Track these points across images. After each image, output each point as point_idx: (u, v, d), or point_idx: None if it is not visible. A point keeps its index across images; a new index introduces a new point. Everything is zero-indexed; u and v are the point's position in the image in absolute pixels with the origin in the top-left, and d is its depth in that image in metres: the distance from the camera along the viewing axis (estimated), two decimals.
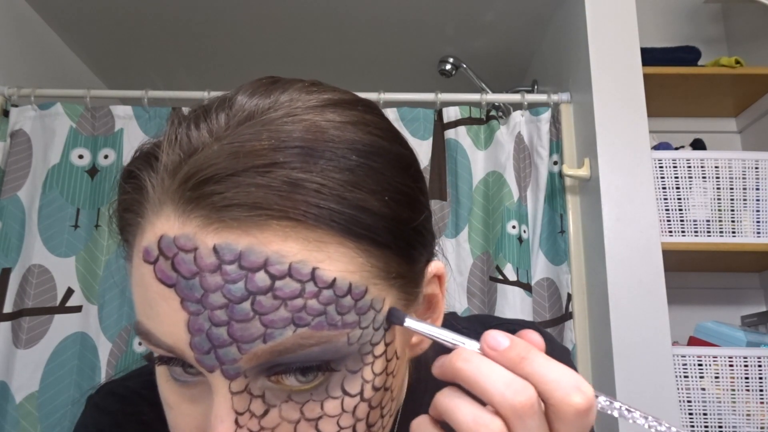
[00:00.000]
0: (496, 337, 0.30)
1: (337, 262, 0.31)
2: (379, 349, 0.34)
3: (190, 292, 0.30)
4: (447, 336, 0.33)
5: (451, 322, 0.52)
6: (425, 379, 0.47)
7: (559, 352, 0.53)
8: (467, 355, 0.30)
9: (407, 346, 0.39)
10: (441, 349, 0.48)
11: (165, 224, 0.31)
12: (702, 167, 1.34)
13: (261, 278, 0.29)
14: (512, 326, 0.54)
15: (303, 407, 0.32)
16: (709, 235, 1.32)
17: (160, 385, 0.36)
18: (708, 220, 1.32)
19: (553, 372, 0.29)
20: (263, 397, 0.32)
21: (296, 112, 0.33)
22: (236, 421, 0.31)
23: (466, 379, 0.29)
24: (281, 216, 0.30)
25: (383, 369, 0.34)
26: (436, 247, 0.41)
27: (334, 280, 0.31)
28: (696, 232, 1.33)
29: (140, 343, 1.31)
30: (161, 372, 0.35)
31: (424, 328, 0.33)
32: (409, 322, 0.34)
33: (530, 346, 0.30)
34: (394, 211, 0.34)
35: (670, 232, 1.33)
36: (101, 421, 0.48)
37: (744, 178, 1.34)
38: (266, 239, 0.30)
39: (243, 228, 0.30)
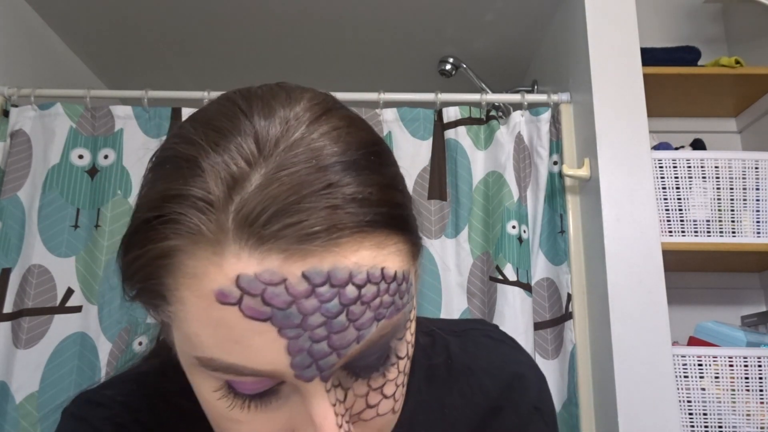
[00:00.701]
0: None
1: (395, 256, 0.35)
2: (413, 314, 0.39)
3: (288, 320, 0.31)
4: None
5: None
6: None
7: (534, 383, 0.53)
8: None
9: None
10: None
11: (236, 264, 0.31)
12: (702, 167, 1.34)
13: (350, 290, 0.32)
14: (464, 325, 0.57)
15: (369, 381, 0.36)
16: (709, 235, 1.32)
17: (216, 405, 0.36)
18: (708, 220, 1.32)
19: None
20: (341, 384, 0.35)
21: (308, 130, 0.34)
22: (334, 412, 0.34)
23: None
24: (353, 231, 0.32)
25: (414, 328, 0.40)
26: None
27: (395, 273, 0.34)
28: (696, 232, 1.33)
29: (140, 343, 1.31)
30: (219, 393, 0.35)
31: None
32: None
33: None
34: (406, 198, 0.38)
35: (670, 232, 1.33)
36: (79, 428, 0.48)
37: (744, 178, 1.34)
38: (344, 255, 0.32)
39: (323, 250, 0.31)
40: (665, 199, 1.34)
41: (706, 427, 1.21)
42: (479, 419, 0.51)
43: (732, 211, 1.33)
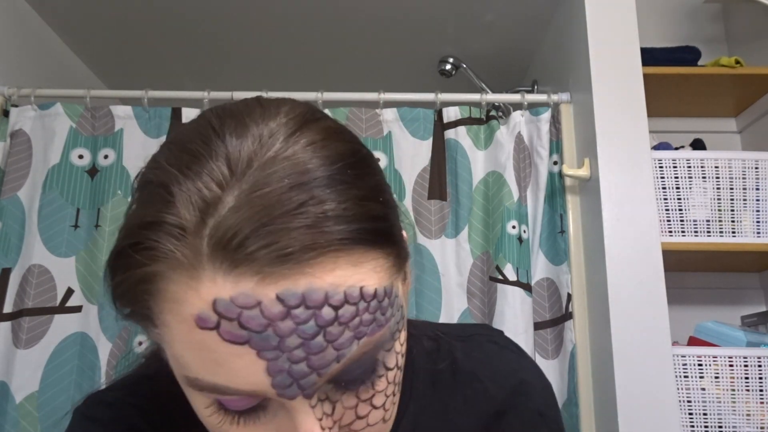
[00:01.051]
0: None
1: (373, 274, 0.34)
2: (401, 324, 0.39)
3: (266, 342, 0.31)
4: None
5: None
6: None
7: (538, 392, 0.53)
8: None
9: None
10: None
11: (212, 288, 0.31)
12: (702, 167, 1.34)
13: (327, 312, 0.32)
14: (470, 330, 0.57)
15: (358, 393, 0.36)
16: (709, 235, 1.32)
17: (209, 422, 0.36)
18: (708, 220, 1.32)
19: None
20: (328, 398, 0.35)
21: (283, 146, 0.34)
22: (320, 427, 0.34)
23: None
24: (327, 250, 0.32)
25: (405, 337, 0.40)
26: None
27: (375, 290, 0.34)
28: (696, 232, 1.33)
29: (140, 343, 1.31)
30: (211, 414, 0.36)
31: None
32: None
33: None
34: (387, 208, 0.37)
35: (670, 232, 1.33)
36: (90, 428, 0.48)
37: (744, 178, 1.34)
38: (319, 275, 0.32)
39: (296, 271, 0.31)
40: (665, 199, 1.34)
41: (706, 427, 1.20)
42: (483, 424, 0.51)
43: (732, 211, 1.33)
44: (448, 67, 1.82)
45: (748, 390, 1.21)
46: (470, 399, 0.52)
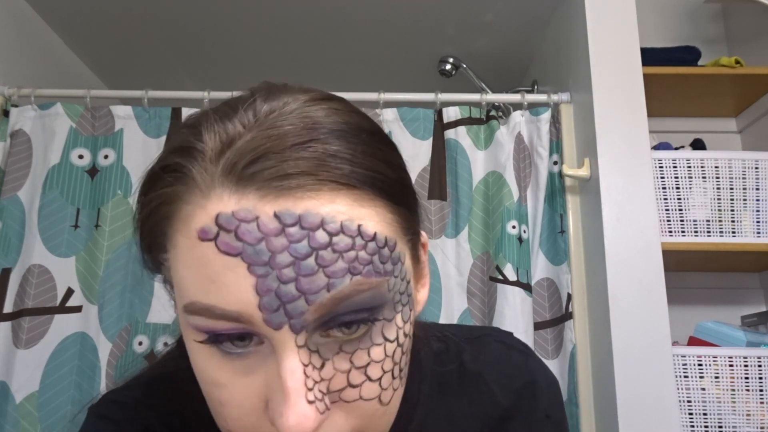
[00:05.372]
0: None
1: (375, 218, 0.35)
2: (405, 299, 0.38)
3: (257, 256, 0.32)
4: None
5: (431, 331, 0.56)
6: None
7: (548, 397, 0.54)
8: None
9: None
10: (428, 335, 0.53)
11: (218, 204, 0.33)
12: (702, 167, 1.34)
13: (321, 235, 0.33)
14: (478, 332, 0.58)
15: (352, 357, 0.36)
16: (709, 235, 1.32)
17: (203, 367, 0.37)
18: (708, 220, 1.32)
19: None
20: (318, 351, 0.35)
21: (302, 106, 0.37)
22: (304, 372, 0.34)
23: None
24: (329, 181, 0.34)
25: (408, 317, 0.39)
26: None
27: (375, 233, 0.35)
28: (696, 232, 1.33)
29: (140, 343, 1.31)
30: (205, 353, 0.36)
31: None
32: None
33: None
34: (400, 177, 0.39)
35: (670, 232, 1.33)
36: (104, 429, 0.48)
37: (744, 178, 1.34)
38: (318, 203, 0.33)
39: (296, 195, 0.33)
40: (665, 199, 1.33)
41: (706, 427, 1.20)
42: (489, 428, 0.51)
43: (732, 211, 1.33)
44: (448, 67, 1.82)
45: (748, 390, 1.21)
46: (476, 402, 0.51)
